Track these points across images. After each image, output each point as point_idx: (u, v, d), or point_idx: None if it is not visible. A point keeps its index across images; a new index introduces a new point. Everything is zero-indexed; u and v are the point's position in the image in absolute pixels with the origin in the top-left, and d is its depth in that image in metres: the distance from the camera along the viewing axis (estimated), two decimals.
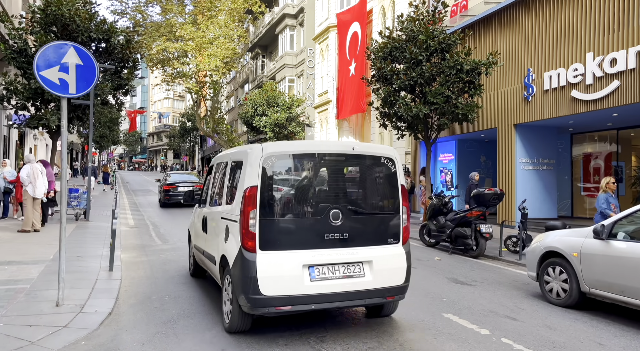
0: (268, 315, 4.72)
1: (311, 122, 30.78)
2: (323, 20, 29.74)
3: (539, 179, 14.47)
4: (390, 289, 4.98)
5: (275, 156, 4.84)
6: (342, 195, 5.10)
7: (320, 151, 5.12)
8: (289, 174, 5.08)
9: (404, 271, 5.09)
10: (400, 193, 5.24)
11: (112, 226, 8.12)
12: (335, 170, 5.14)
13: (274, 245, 4.69)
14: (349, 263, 4.86)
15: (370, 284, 4.87)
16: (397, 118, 14.86)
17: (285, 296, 4.58)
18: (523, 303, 6.52)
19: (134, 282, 7.05)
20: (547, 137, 14.67)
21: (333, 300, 4.74)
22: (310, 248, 4.77)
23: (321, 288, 4.68)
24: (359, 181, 5.31)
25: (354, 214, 4.98)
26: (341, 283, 4.76)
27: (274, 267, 4.62)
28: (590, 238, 6.10)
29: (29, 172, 11.17)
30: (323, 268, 4.76)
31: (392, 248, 5.12)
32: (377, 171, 5.28)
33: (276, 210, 4.82)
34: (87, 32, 15.01)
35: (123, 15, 35.87)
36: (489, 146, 17.93)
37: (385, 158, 5.26)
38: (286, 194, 4.96)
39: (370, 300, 4.93)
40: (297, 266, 4.66)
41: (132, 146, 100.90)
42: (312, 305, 4.67)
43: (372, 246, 5.01)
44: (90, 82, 5.64)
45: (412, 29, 14.25)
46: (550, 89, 12.85)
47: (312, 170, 5.11)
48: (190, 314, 5.59)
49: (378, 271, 4.92)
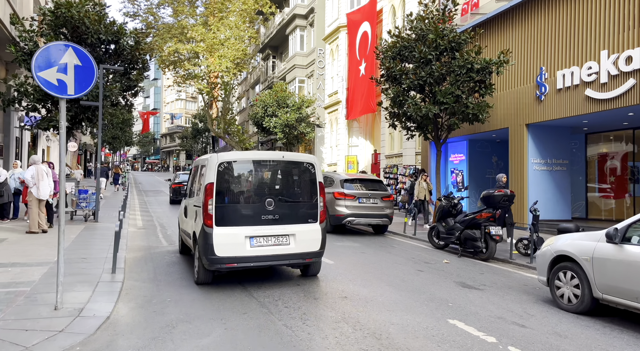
0: (221, 269, 6.78)
1: (321, 122, 30.65)
2: (333, 20, 29.59)
3: (552, 180, 14.16)
4: (309, 254, 7.12)
5: (226, 162, 6.93)
6: (275, 188, 7.19)
7: (259, 158, 7.25)
8: (236, 174, 7.13)
9: (319, 241, 7.22)
10: (318, 187, 7.36)
11: (115, 228, 8.10)
12: (270, 171, 7.33)
13: (225, 222, 6.73)
14: (279, 235, 6.95)
15: (294, 250, 6.97)
16: (406, 118, 14.66)
17: (232, 257, 6.66)
18: (533, 309, 6.31)
19: (135, 285, 6.98)
20: (561, 137, 14.36)
21: (266, 260, 6.84)
22: (251, 225, 6.83)
23: (258, 252, 6.76)
24: (287, 178, 7.40)
25: (283, 201, 7.08)
26: (272, 249, 6.85)
27: (224, 237, 6.66)
28: (603, 242, 5.87)
29: (33, 174, 11.19)
30: (259, 239, 6.83)
31: (311, 226, 7.22)
32: (301, 172, 7.45)
33: (227, 199, 6.86)
34: (97, 34, 15.08)
35: (135, 17, 36.18)
36: (500, 146, 17.63)
37: (307, 163, 7.45)
38: (234, 188, 7.04)
39: (293, 261, 7.08)
40: (241, 236, 6.72)
41: (145, 147, 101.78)
42: (251, 263, 6.78)
43: (296, 224, 7.09)
44: (89, 83, 5.57)
45: (421, 28, 14.05)
46: (564, 88, 12.56)
47: (253, 171, 7.29)
48: (190, 318, 5.49)
49: (300, 241, 7.03)
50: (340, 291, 6.89)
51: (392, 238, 13.00)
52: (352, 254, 10.14)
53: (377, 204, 13.06)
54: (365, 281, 7.65)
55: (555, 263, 6.55)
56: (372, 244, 11.70)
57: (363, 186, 13.38)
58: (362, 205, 12.92)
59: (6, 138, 18.07)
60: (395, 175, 21.31)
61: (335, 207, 12.84)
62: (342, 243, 11.65)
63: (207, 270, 6.86)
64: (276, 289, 6.87)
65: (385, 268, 8.72)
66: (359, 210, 12.84)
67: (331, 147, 30.02)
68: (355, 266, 8.81)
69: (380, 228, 13.73)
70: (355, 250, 10.65)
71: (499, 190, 9.80)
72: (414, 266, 9.00)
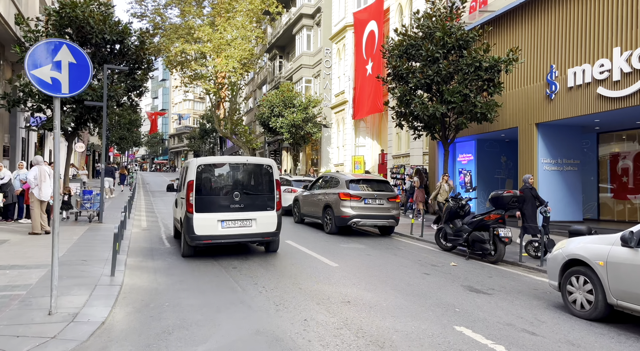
0: (200, 245, 8.93)
1: (328, 122, 30.45)
2: (340, 19, 29.39)
3: (562, 180, 13.85)
4: (267, 234, 9.21)
5: (204, 165, 9.14)
6: (241, 184, 9.35)
7: (228, 162, 9.47)
8: (211, 173, 9.30)
9: (275, 224, 9.27)
10: (275, 184, 9.40)
11: (114, 230, 7.96)
12: (238, 171, 9.49)
13: (202, 210, 8.84)
14: (243, 219, 9.04)
15: (255, 231, 9.09)
16: (413, 118, 14.43)
17: (208, 235, 8.80)
18: (543, 315, 6.06)
19: (134, 288, 6.83)
20: (571, 136, 14.04)
21: (234, 238, 9.00)
22: (222, 212, 8.94)
23: (227, 231, 8.91)
24: (251, 177, 9.56)
25: (247, 194, 9.20)
26: (238, 230, 8.98)
27: (202, 221, 8.79)
28: (618, 246, 5.62)
29: (36, 175, 11.08)
30: (229, 222, 8.94)
31: (269, 213, 9.26)
32: (261, 172, 9.49)
33: (204, 192, 8.99)
34: (101, 34, 15.00)
35: (142, 18, 36.22)
36: (510, 146, 17.34)
37: (266, 165, 9.52)
38: (209, 184, 9.20)
39: (255, 239, 9.25)
40: (214, 220, 8.86)
41: (154, 148, 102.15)
42: (222, 240, 8.91)
43: (257, 211, 9.15)
44: (84, 82, 5.42)
45: (428, 25, 13.81)
46: (575, 86, 12.26)
47: (224, 172, 9.46)
48: (186, 324, 5.32)
49: (260, 224, 9.11)
50: (344, 296, 6.69)
51: (398, 240, 12.77)
52: (357, 256, 9.93)
53: (383, 205, 12.83)
54: (370, 284, 7.44)
55: (567, 267, 6.30)
56: (378, 246, 11.48)
57: (369, 186, 13.15)
58: (368, 206, 12.69)
59: (12, 139, 18.07)
60: (403, 175, 21.07)
61: (340, 208, 12.63)
62: (347, 244, 11.45)
63: (190, 246, 9.04)
64: (277, 291, 6.69)
65: (390, 271, 8.50)
66: (364, 211, 12.62)
67: (338, 148, 29.81)
68: (360, 269, 8.60)
69: (386, 229, 13.50)
70: (361, 252, 10.44)
71: (507, 191, 9.53)
72: (420, 269, 8.77)
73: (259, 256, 9.51)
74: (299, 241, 11.54)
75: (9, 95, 14.74)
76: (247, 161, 9.51)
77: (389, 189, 13.33)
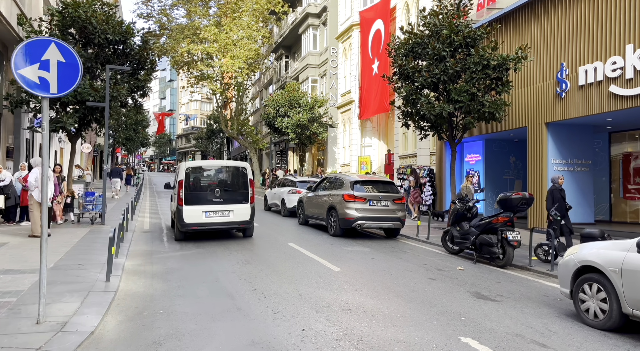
0: (189, 231, 11.08)
1: (334, 122, 30.19)
2: (346, 18, 29.12)
3: (573, 181, 13.48)
4: (243, 222, 11.34)
5: (191, 167, 11.40)
6: (221, 182, 11.56)
7: (211, 165, 12.17)
8: (197, 174, 11.50)
9: (249, 214, 11.40)
10: (248, 182, 11.56)
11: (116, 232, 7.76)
12: (218, 172, 11.87)
13: (190, 203, 10.93)
14: (223, 210, 11.13)
15: (232, 219, 11.20)
16: (419, 117, 14.13)
17: (194, 223, 10.89)
18: (554, 324, 5.77)
19: (128, 294, 6.62)
20: (583, 136, 13.67)
21: (215, 226, 11.09)
22: (206, 204, 11.03)
23: (210, 220, 10.98)
24: (229, 176, 11.79)
25: (225, 190, 11.34)
26: (219, 219, 11.06)
27: (189, 212, 10.87)
28: (634, 252, 5.32)
29: (37, 177, 10.94)
30: (211, 212, 11.02)
31: (244, 205, 11.38)
32: (238, 173, 11.72)
33: (191, 189, 11.10)
34: (104, 34, 14.86)
35: (149, 18, 36.21)
36: (519, 146, 16.98)
37: (241, 167, 11.73)
38: (196, 182, 11.34)
39: (232, 226, 11.37)
40: (199, 211, 10.94)
41: (161, 148, 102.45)
42: (206, 227, 11.02)
43: (234, 204, 11.24)
44: (73, 81, 5.22)
45: (434, 23, 13.50)
46: (586, 84, 11.91)
47: (208, 173, 11.78)
48: (179, 334, 5.09)
49: (236, 214, 11.22)
50: (345, 303, 6.43)
51: (404, 242, 12.48)
52: (361, 260, 9.67)
53: (388, 206, 12.55)
54: (372, 290, 7.17)
55: (579, 274, 6.00)
56: (383, 249, 11.20)
57: (374, 188, 12.88)
58: (373, 208, 12.42)
59: (16, 140, 18.00)
60: (409, 176, 20.75)
61: (344, 210, 12.37)
62: (351, 247, 11.18)
63: (181, 231, 11.24)
64: (276, 297, 6.45)
65: (394, 276, 8.23)
66: (369, 213, 12.34)
67: (344, 148, 29.53)
68: (363, 274, 8.34)
69: (392, 231, 13.22)
70: (365, 256, 10.17)
71: (516, 193, 9.22)
72: (425, 274, 8.49)
73: (258, 260, 9.28)
74: (301, 244, 11.30)
75: (12, 96, 14.65)
76: (226, 164, 12.02)
77: (395, 191, 13.05)
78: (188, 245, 10.89)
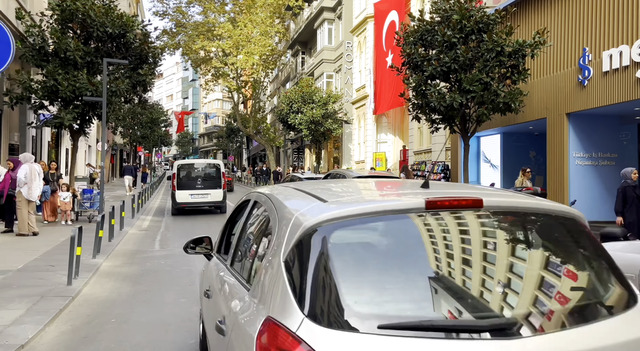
0: (180, 208, 16.87)
1: (349, 118, 29.39)
2: (361, 11, 28.28)
3: (597, 176, 12.41)
4: (217, 202, 17.07)
5: (180, 164, 18.01)
6: (202, 175, 17.50)
7: (195, 162, 18.60)
8: (185, 169, 17.55)
9: (221, 197, 17.05)
10: (221, 174, 17.29)
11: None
12: (200, 167, 17.98)
13: (180, 188, 16.74)
14: (203, 194, 16.80)
15: (210, 200, 16.94)
16: (430, 109, 13.26)
17: (184, 202, 16.71)
18: None
19: (87, 300, 6.05)
20: (608, 127, 12.56)
21: (198, 205, 16.94)
22: (191, 189, 16.76)
23: (194, 200, 16.74)
24: (207, 170, 17.74)
25: (205, 180, 17.15)
26: (200, 199, 16.80)
27: (180, 194, 16.68)
28: None
29: (27, 173, 10.54)
30: (195, 195, 16.72)
31: (218, 190, 17.00)
32: (213, 167, 17.77)
33: (181, 178, 17.02)
34: (103, 27, 14.48)
35: (164, 16, 36.10)
36: (539, 140, 15.86)
37: (216, 164, 17.95)
38: (185, 175, 17.26)
39: (210, 205, 17.21)
40: (187, 194, 16.69)
41: (184, 147, 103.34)
42: (192, 205, 16.85)
43: (211, 189, 16.93)
44: (4, 60, 4.64)
45: (445, 9, 12.60)
46: (611, 70, 10.85)
47: (194, 168, 17.87)
48: (123, 348, 4.46)
49: (213, 196, 16.95)
50: None
51: None
52: None
53: None
54: None
55: None
56: None
57: None
58: None
59: (22, 137, 17.83)
60: (423, 172, 19.83)
61: None
62: None
63: (175, 208, 16.55)
64: None
65: None
66: None
67: (359, 144, 28.70)
68: None
69: None
70: None
71: (526, 188, 8.31)
72: None
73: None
74: None
75: (11, 92, 14.40)
76: (205, 161, 18.37)
77: None
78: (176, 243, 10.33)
